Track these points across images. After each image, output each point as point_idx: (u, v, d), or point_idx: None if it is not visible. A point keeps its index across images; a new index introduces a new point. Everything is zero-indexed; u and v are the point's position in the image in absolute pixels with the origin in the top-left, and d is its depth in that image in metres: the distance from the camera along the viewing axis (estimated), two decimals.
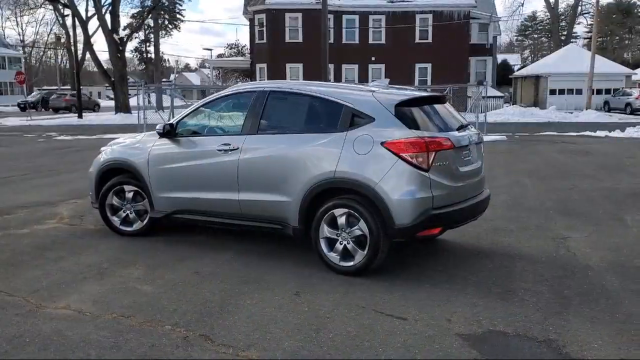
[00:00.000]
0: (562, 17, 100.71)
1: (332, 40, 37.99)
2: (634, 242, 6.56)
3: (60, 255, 6.05)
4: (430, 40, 38.74)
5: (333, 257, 5.38)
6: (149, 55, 47.32)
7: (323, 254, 5.43)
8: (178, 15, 48.55)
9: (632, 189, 10.00)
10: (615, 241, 6.59)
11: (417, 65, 38.80)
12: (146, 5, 38.58)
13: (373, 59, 38.53)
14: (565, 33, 66.96)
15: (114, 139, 8.72)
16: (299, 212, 5.53)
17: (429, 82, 37.62)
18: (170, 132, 6.30)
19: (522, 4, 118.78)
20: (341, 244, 5.34)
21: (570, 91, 42.06)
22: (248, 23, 42.19)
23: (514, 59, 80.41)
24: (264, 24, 37.86)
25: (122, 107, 33.07)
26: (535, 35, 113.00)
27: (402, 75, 36.79)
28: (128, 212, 6.79)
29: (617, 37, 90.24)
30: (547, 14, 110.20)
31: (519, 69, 54.85)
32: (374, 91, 5.57)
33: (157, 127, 6.56)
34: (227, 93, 6.42)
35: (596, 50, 38.62)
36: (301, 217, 5.53)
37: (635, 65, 60.59)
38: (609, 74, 41.22)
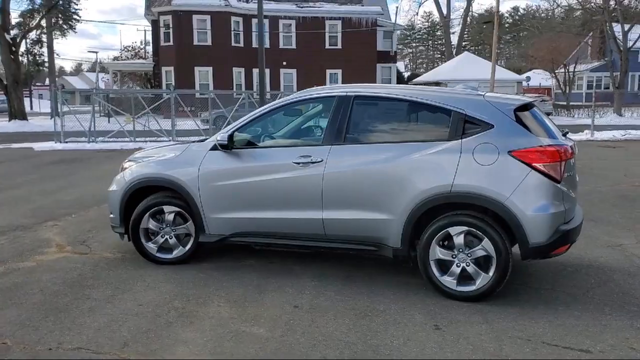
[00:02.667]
0: (439, 26, 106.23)
1: (241, 44, 37.15)
2: None
3: (107, 293, 5.02)
4: (340, 46, 38.95)
5: (448, 281, 4.84)
6: (41, 57, 43.52)
7: (435, 278, 4.88)
8: (75, 16, 45.06)
9: (610, 192, 10.25)
10: None
11: (329, 71, 38.87)
12: (37, 3, 35.36)
13: (284, 63, 38.05)
14: (444, 41, 70.36)
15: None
16: (402, 231, 4.93)
17: None
18: (228, 145, 5.42)
19: (417, 13, 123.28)
20: (458, 266, 4.81)
21: None
22: (150, 24, 40.09)
23: (401, 67, 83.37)
24: (170, 26, 36.12)
25: (17, 113, 29.99)
26: (414, 44, 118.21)
27: (314, 80, 36.65)
28: (167, 237, 5.82)
29: (488, 46, 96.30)
30: (426, 23, 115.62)
31: (409, 77, 56.60)
32: (483, 94, 5.10)
33: (211, 138, 5.69)
34: (296, 99, 5.65)
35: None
36: (405, 237, 4.94)
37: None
38: (502, 80, 43.52)
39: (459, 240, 4.77)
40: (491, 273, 4.71)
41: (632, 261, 6.01)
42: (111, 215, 6.12)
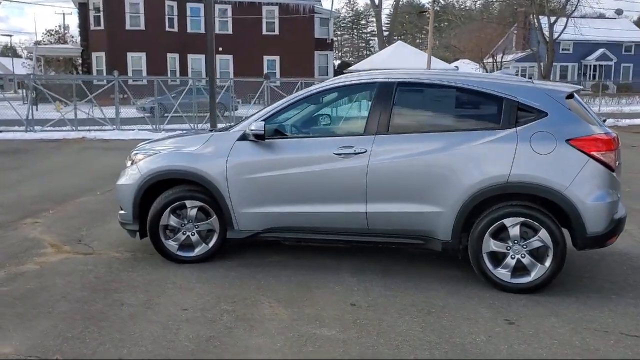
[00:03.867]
0: (363, 15, 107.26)
1: (175, 29, 35.99)
2: None
3: (141, 298, 4.60)
4: (277, 32, 38.43)
5: (502, 273, 4.74)
6: None
7: (488, 270, 4.76)
8: None
9: None
10: None
11: (266, 58, 38.30)
12: None
13: (220, 49, 37.03)
14: (376, 31, 70.90)
15: None
16: (453, 224, 4.79)
17: (277, 75, 37.29)
18: (264, 135, 5.07)
19: (349, 1, 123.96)
20: (513, 258, 4.71)
21: None
22: (77, 7, 38.01)
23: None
24: (101, 9, 34.39)
25: None
26: (339, 32, 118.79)
27: (251, 67, 36.07)
28: (189, 233, 5.41)
29: (411, 36, 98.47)
30: (350, 12, 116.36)
31: (338, 65, 56.82)
32: (533, 81, 5.01)
33: (237, 127, 5.32)
34: (332, 85, 5.36)
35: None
36: (456, 230, 4.80)
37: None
38: (433, 69, 44.48)
39: (514, 231, 4.67)
40: (547, 264, 4.65)
41: None
42: (122, 212, 5.63)
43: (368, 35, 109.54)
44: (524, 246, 4.67)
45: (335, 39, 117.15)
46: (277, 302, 4.52)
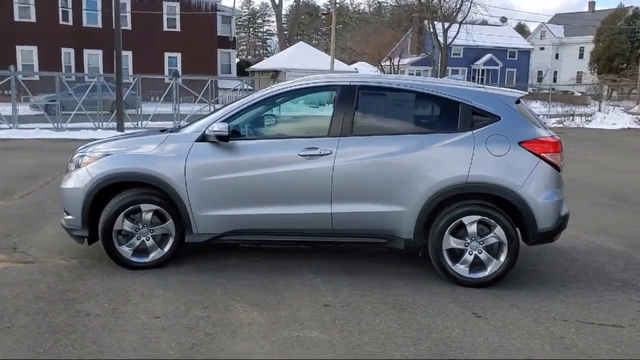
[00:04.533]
0: (259, 14, 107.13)
1: (70, 23, 34.22)
2: None
3: (106, 307, 4.39)
4: (179, 29, 37.51)
5: (461, 269, 4.98)
6: None
7: (448, 267, 4.98)
8: None
9: None
10: None
11: (167, 55, 37.28)
12: None
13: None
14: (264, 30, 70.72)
15: None
16: (415, 223, 4.97)
17: (180, 73, 36.38)
18: (225, 137, 4.99)
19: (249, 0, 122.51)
20: (471, 254, 4.97)
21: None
22: None
23: None
24: None
25: None
26: (236, 30, 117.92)
27: (152, 64, 35.01)
28: (144, 238, 5.22)
29: (307, 37, 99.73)
30: (246, 10, 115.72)
31: (238, 64, 56.40)
32: (484, 87, 5.29)
33: (191, 127, 5.21)
34: (292, 87, 5.36)
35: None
36: (418, 229, 4.99)
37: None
38: (338, 71, 45.23)
39: (472, 229, 4.92)
40: (502, 259, 4.94)
41: (577, 241, 6.62)
42: (68, 217, 5.33)
43: (264, 34, 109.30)
44: (481, 242, 4.94)
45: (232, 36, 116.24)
46: (250, 306, 4.48)
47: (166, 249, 5.26)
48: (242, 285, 4.93)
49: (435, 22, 42.91)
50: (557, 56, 69.32)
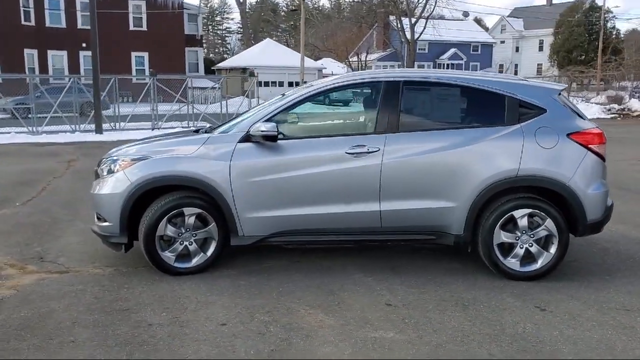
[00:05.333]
0: (217, 11, 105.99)
1: (33, 23, 33.24)
2: None
3: (165, 317, 4.23)
4: (145, 28, 36.81)
5: (512, 263, 4.97)
6: None
7: (499, 261, 4.96)
8: None
9: None
10: None
11: (134, 54, 36.54)
12: None
13: (84, 45, 34.79)
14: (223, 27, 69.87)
15: None
16: (466, 218, 4.95)
17: (147, 72, 35.78)
18: (274, 136, 4.88)
19: None
20: (522, 247, 4.96)
21: (274, 83, 44.80)
22: None
23: None
24: None
25: None
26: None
27: (118, 63, 34.25)
28: (186, 243, 5.06)
29: (267, 34, 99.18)
30: (205, 8, 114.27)
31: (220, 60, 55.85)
32: (526, 80, 5.29)
33: (233, 128, 5.08)
34: (333, 85, 5.26)
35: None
36: (468, 224, 4.96)
37: None
38: (305, 67, 45.11)
39: (522, 222, 4.91)
40: (553, 251, 4.95)
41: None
42: (104, 224, 5.13)
43: (224, 32, 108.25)
44: (532, 236, 4.94)
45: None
46: (312, 308, 4.38)
47: (209, 253, 5.11)
48: (295, 287, 4.82)
49: (403, 18, 43.14)
50: (517, 49, 70.64)
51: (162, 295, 4.62)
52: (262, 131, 4.83)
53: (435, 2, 42.07)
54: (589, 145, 4.94)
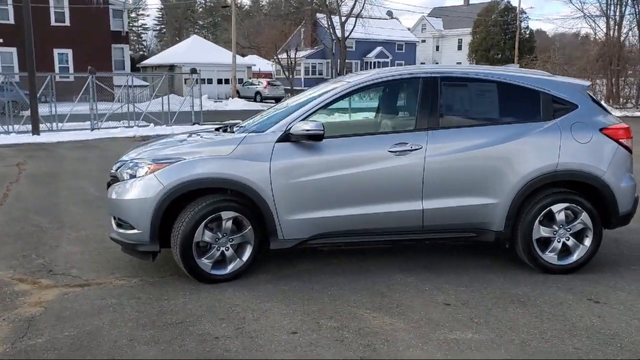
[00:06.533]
0: (133, 8, 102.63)
1: None
2: None
3: (226, 327, 3.98)
4: (68, 23, 35.00)
5: (550, 257, 5.03)
6: None
7: (538, 256, 5.01)
8: None
9: None
10: None
11: (56, 51, 34.64)
12: None
13: (1, 41, 32.77)
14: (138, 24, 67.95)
15: None
16: (507, 214, 4.96)
17: (71, 70, 34.15)
18: (320, 136, 4.68)
19: None
20: (559, 241, 5.04)
21: (203, 81, 43.75)
22: None
23: None
24: None
25: None
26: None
27: (40, 61, 32.40)
28: (223, 248, 4.80)
29: (185, 31, 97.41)
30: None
31: (140, 57, 54.10)
32: (557, 76, 5.37)
33: (267, 126, 4.87)
34: (370, 81, 5.10)
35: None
36: (509, 220, 4.98)
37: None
38: (239, 64, 44.49)
39: (560, 216, 4.99)
40: (588, 244, 5.05)
41: None
42: (130, 232, 4.78)
43: (139, 28, 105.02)
44: (568, 229, 5.02)
45: None
46: (373, 311, 4.25)
47: (244, 258, 4.87)
48: (342, 290, 4.68)
49: (331, 16, 43.34)
50: (437, 48, 72.80)
51: (210, 305, 4.35)
52: (306, 130, 4.63)
53: (365, 1, 42.53)
54: (620, 140, 5.08)
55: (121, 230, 4.88)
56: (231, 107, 34.86)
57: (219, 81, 44.13)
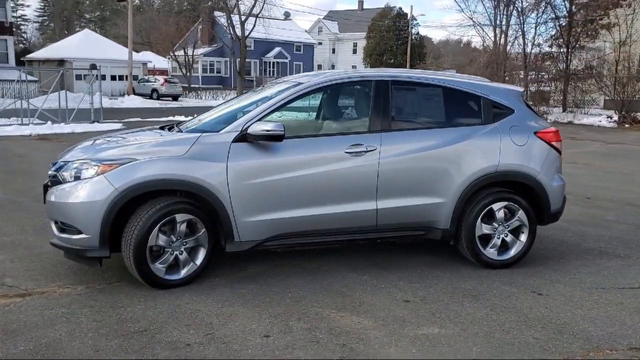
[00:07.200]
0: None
1: None
2: None
3: (194, 334, 3.87)
4: None
5: (491, 252, 5.33)
6: None
7: (480, 252, 5.28)
8: None
9: None
10: None
11: None
12: None
13: None
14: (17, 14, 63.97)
15: None
16: (452, 212, 5.20)
17: None
18: (281, 136, 4.65)
19: None
20: (498, 238, 5.34)
21: (97, 77, 41.86)
22: None
23: None
24: None
25: None
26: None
27: None
28: (177, 252, 4.66)
29: (70, 23, 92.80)
30: None
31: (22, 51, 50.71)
32: (492, 82, 5.67)
33: (220, 126, 4.79)
34: (324, 83, 5.11)
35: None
36: (454, 218, 5.22)
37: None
38: (127, 61, 42.88)
39: (500, 214, 5.29)
40: (524, 239, 5.39)
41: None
42: (77, 237, 4.51)
43: (19, 19, 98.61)
44: (507, 226, 5.33)
45: None
46: (339, 311, 4.30)
47: (198, 261, 4.75)
48: (302, 291, 4.69)
49: (230, 15, 42.82)
50: (333, 51, 74.14)
51: (170, 311, 4.20)
52: (266, 130, 4.59)
53: (264, 1, 42.41)
54: (551, 142, 5.46)
55: (65, 235, 4.59)
56: (128, 104, 33.58)
57: (113, 77, 42.41)
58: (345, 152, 4.87)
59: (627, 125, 24.75)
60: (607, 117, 25.86)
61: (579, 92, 28.93)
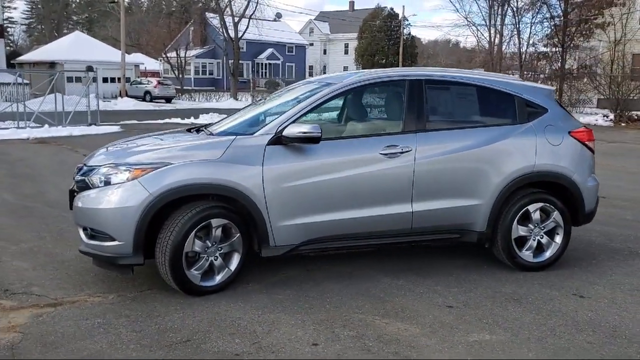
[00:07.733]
0: None
1: None
2: None
3: (240, 342, 3.74)
4: None
5: (527, 255, 5.21)
6: None
7: (516, 254, 5.17)
8: None
9: None
10: None
11: None
12: None
13: None
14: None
15: None
16: (489, 214, 5.09)
17: None
18: (318, 138, 4.51)
19: None
20: (534, 240, 5.23)
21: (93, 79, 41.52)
22: None
23: None
24: None
25: None
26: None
27: None
28: (212, 258, 4.52)
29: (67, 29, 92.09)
30: None
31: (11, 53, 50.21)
32: (526, 81, 5.58)
33: (260, 130, 4.64)
34: (357, 83, 4.99)
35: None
36: (491, 220, 5.11)
37: None
38: (119, 63, 42.52)
39: (535, 215, 5.19)
40: (559, 241, 5.30)
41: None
42: (109, 244, 4.36)
43: (5, 21, 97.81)
44: (542, 228, 5.23)
45: None
46: (382, 317, 4.18)
47: (233, 267, 4.62)
48: (341, 296, 4.57)
49: (223, 16, 42.61)
50: (325, 52, 74.03)
51: (210, 319, 4.07)
52: (303, 132, 4.46)
53: (257, 2, 42.24)
54: (585, 142, 5.38)
55: (95, 242, 4.44)
56: (121, 106, 33.26)
57: (105, 80, 41.99)
58: (380, 154, 4.75)
59: (623, 124, 24.85)
60: (603, 116, 25.96)
61: (574, 91, 28.99)
